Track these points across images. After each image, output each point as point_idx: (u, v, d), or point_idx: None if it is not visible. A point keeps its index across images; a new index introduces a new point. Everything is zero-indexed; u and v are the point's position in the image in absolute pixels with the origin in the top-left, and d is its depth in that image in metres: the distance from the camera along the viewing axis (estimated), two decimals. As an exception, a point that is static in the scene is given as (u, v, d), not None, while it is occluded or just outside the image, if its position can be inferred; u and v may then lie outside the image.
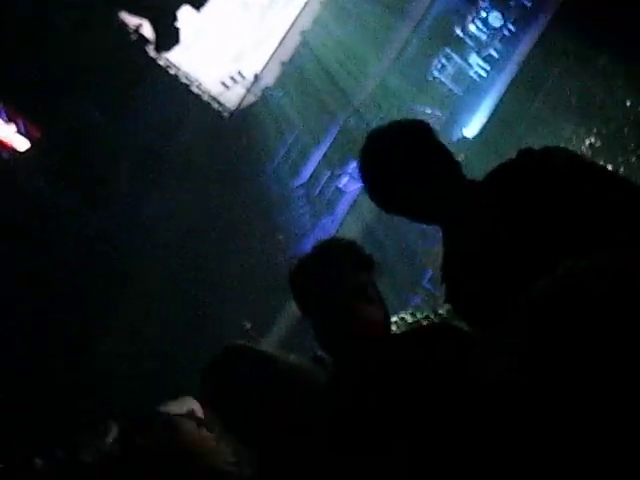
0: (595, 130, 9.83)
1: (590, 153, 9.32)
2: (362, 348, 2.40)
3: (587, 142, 9.86)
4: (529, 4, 14.54)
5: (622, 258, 1.24)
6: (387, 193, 2.51)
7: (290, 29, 16.28)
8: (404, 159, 2.46)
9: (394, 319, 8.75)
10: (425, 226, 2.59)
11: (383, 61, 15.53)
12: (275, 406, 2.45)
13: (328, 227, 13.61)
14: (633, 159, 8.43)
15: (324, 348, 2.53)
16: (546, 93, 13.06)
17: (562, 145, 8.42)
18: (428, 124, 2.55)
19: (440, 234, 2.54)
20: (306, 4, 16.35)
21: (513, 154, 2.46)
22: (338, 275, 2.48)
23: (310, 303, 2.52)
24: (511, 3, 14.99)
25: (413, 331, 2.76)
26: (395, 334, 2.67)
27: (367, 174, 2.54)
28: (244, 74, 16.06)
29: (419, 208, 2.50)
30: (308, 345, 2.82)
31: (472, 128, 13.35)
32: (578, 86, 12.45)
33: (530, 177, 2.33)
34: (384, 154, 2.49)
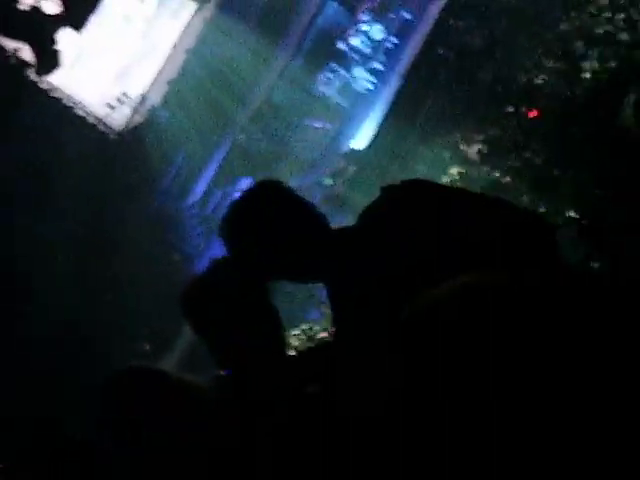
0: (482, 137, 10.07)
1: (479, 159, 9.54)
2: (257, 369, 2.40)
3: (475, 148, 10.08)
4: (409, 17, 14.86)
5: (478, 281, 1.25)
6: (259, 260, 2.51)
7: (176, 46, 16.15)
8: (271, 226, 2.46)
9: (295, 332, 8.77)
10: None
11: (270, 77, 15.58)
12: (167, 425, 2.43)
13: (221, 247, 13.53)
14: (518, 163, 8.67)
15: (220, 368, 2.52)
16: (432, 103, 13.34)
17: (451, 153, 8.58)
18: (281, 183, 2.55)
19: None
20: (190, 21, 16.26)
21: (395, 174, 2.49)
22: (232, 297, 2.47)
23: (203, 323, 2.51)
24: (392, 16, 15.30)
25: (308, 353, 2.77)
26: (291, 356, 2.66)
27: (236, 247, 2.53)
28: (129, 94, 15.84)
29: (296, 271, 2.50)
30: (207, 365, 2.80)
31: (361, 140, 13.51)
32: (461, 96, 12.77)
33: (394, 217, 2.36)
34: (250, 225, 2.48)
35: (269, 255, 2.44)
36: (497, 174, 8.41)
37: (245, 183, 13.57)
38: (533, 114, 9.36)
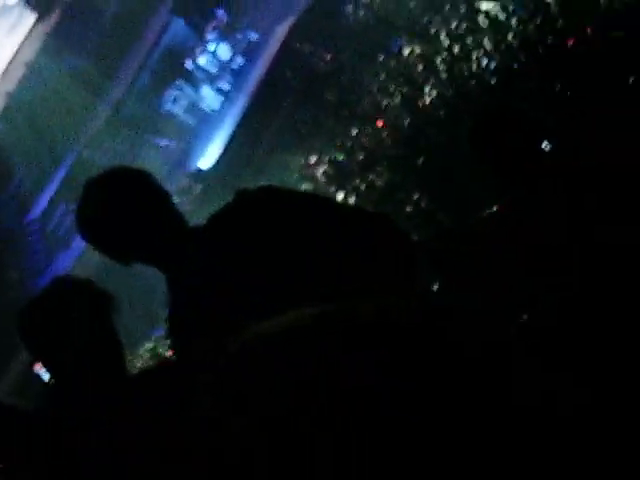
0: (327, 158, 10.24)
1: (325, 179, 9.68)
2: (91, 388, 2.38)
3: (321, 170, 10.24)
4: (255, 38, 14.98)
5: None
6: (110, 244, 2.47)
7: (14, 59, 15.66)
8: (124, 208, 2.43)
9: (141, 351, 8.64)
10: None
11: (115, 92, 15.33)
12: None
13: (65, 263, 13.19)
14: (362, 186, 8.85)
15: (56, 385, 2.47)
16: (278, 124, 13.47)
17: (297, 174, 8.65)
18: (145, 171, 2.53)
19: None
20: (30, 33, 15.81)
21: (242, 187, 2.49)
22: (70, 317, 2.42)
23: (42, 346, 2.45)
24: (238, 37, 15.38)
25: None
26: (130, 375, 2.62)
27: (88, 226, 2.48)
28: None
29: (142, 256, 2.48)
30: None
31: (208, 160, 13.48)
32: (307, 117, 12.95)
33: (246, 218, 2.39)
34: (104, 205, 2.44)
35: (124, 238, 2.41)
36: (342, 195, 8.55)
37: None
38: (380, 124, 9.59)
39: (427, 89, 9.56)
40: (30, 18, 15.91)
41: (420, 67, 9.94)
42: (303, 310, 1.23)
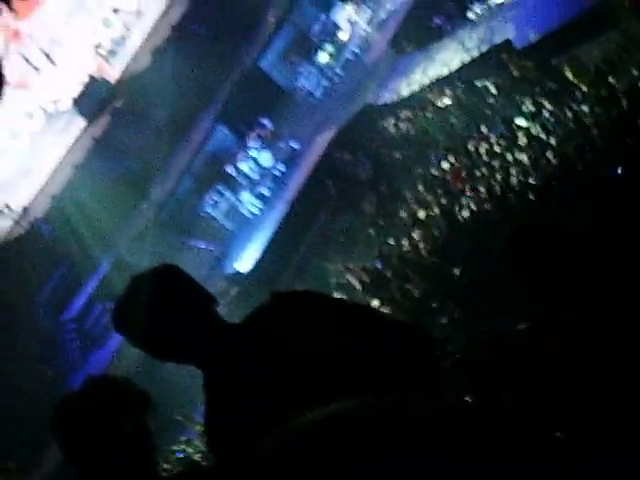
0: (363, 266, 10.30)
1: (360, 287, 9.72)
2: None
3: (355, 278, 10.29)
4: (297, 147, 15.28)
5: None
6: (151, 341, 2.50)
7: (62, 162, 16.10)
8: (165, 304, 2.47)
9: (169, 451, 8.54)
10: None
11: (157, 195, 15.63)
12: None
13: (100, 361, 13.23)
14: (397, 295, 8.86)
15: None
16: (316, 231, 13.61)
17: (333, 281, 8.65)
18: (178, 268, 2.58)
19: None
20: (79, 138, 16.29)
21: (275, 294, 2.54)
22: (106, 418, 2.42)
23: (72, 444, 2.44)
24: (281, 145, 15.71)
25: None
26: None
27: (127, 320, 2.52)
28: (11, 206, 15.60)
29: (180, 353, 2.50)
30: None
31: (245, 263, 13.60)
32: (345, 225, 13.10)
33: (283, 319, 2.43)
34: (145, 299, 2.48)
35: (163, 334, 2.43)
36: (376, 302, 8.56)
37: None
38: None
39: (464, 201, 9.65)
40: (80, 123, 16.43)
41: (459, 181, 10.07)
42: (328, 408, 1.26)
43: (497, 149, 10.10)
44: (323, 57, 16.49)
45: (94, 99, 16.40)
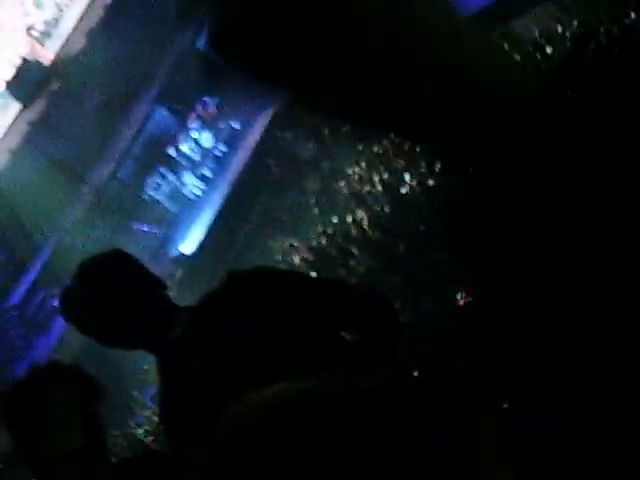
0: (307, 245, 10.31)
1: (305, 266, 9.75)
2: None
3: (300, 256, 10.30)
4: (238, 127, 15.20)
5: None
6: (101, 329, 2.48)
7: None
8: (114, 294, 2.46)
9: (115, 433, 8.50)
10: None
11: (97, 178, 15.45)
12: None
13: (44, 347, 13.08)
14: (342, 271, 8.90)
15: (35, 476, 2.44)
16: (259, 211, 13.59)
17: (279, 259, 8.67)
18: (125, 253, 2.57)
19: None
20: (13, 122, 16.02)
21: (224, 273, 2.54)
22: (53, 405, 2.40)
23: (19, 429, 2.42)
24: (221, 125, 15.61)
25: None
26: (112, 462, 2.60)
27: (75, 307, 2.49)
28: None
29: (132, 339, 2.49)
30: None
31: (189, 245, 13.53)
32: (288, 204, 13.08)
33: (241, 297, 2.43)
34: (92, 288, 2.47)
35: (114, 321, 2.42)
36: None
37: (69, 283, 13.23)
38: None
39: (407, 177, 9.70)
40: (14, 107, 16.13)
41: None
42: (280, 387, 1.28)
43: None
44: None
45: (28, 82, 16.09)
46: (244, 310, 2.35)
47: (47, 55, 16.40)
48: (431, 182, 9.11)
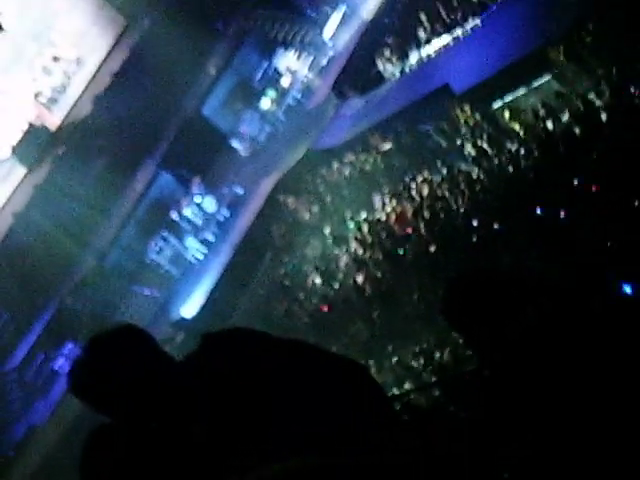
0: (307, 310, 10.37)
1: (305, 331, 9.80)
2: None
3: (301, 321, 10.35)
4: (241, 192, 15.33)
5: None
6: (109, 406, 2.51)
7: (2, 210, 15.95)
8: (124, 372, 2.49)
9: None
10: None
11: (101, 242, 15.52)
12: None
13: (43, 411, 13.00)
14: (343, 337, 8.93)
15: None
16: (261, 275, 13.64)
17: (278, 324, 8.70)
18: (134, 326, 2.60)
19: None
20: (19, 185, 16.17)
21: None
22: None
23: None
24: (224, 191, 15.74)
25: None
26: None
27: (86, 389, 2.52)
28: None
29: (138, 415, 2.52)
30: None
31: (190, 308, 13.53)
32: (290, 269, 13.15)
33: (214, 363, 2.45)
34: (102, 370, 2.50)
35: (122, 398, 2.44)
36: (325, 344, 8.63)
37: (70, 347, 13.24)
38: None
39: (408, 244, 9.78)
40: (20, 171, 16.31)
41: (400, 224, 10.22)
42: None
43: (439, 192, 10.28)
44: (265, 103, 16.63)
45: (34, 147, 16.30)
46: (220, 373, 2.36)
47: (54, 121, 16.63)
48: (432, 248, 9.18)
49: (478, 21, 12.18)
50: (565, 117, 9.10)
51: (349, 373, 2.44)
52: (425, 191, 10.44)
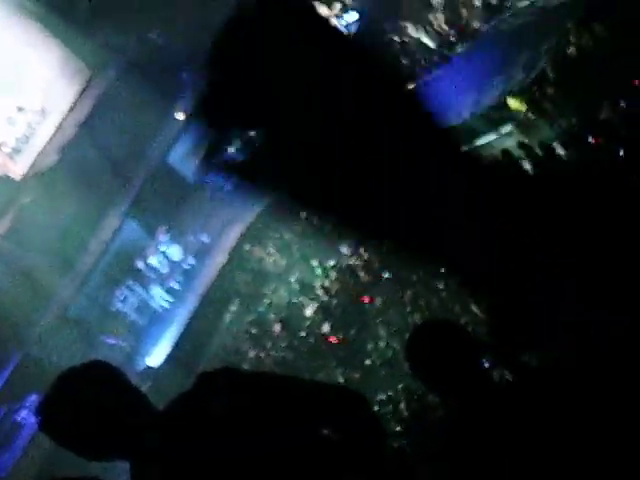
0: (273, 358, 10.35)
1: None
2: None
3: (267, 369, 10.30)
4: (207, 240, 15.35)
5: None
6: (80, 441, 2.52)
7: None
8: (93, 406, 2.51)
9: None
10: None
11: (66, 291, 15.41)
12: None
13: (5, 463, 12.78)
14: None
15: None
16: (226, 324, 13.61)
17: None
18: (103, 364, 2.62)
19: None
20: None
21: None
22: None
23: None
24: (190, 238, 15.75)
25: None
26: None
27: (56, 426, 2.53)
28: None
29: (111, 448, 2.53)
30: None
31: (156, 357, 13.45)
32: (255, 318, 13.12)
33: (210, 398, 2.48)
34: (71, 404, 2.51)
35: (93, 433, 2.44)
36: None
37: (34, 398, 13.05)
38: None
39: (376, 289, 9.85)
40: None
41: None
42: None
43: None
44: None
45: (-2, 196, 16.22)
46: (213, 408, 2.40)
47: (17, 170, 16.57)
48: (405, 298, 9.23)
49: (440, 71, 12.42)
50: (526, 166, 9.26)
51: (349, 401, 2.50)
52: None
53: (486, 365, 3.16)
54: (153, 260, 15.70)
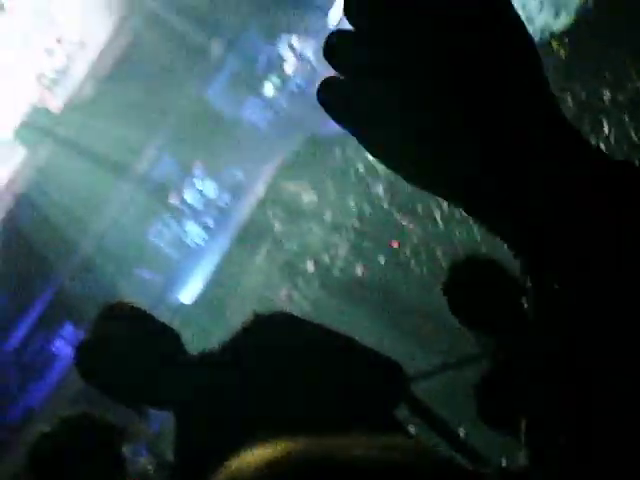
0: (305, 295, 10.34)
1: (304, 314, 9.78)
2: None
3: (298, 307, 10.32)
4: (242, 177, 15.32)
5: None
6: (120, 386, 2.51)
7: (2, 192, 15.95)
8: (132, 349, 2.49)
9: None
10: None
11: (102, 222, 15.52)
12: None
13: (40, 393, 13.00)
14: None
15: None
16: (260, 262, 13.63)
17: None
18: (135, 306, 2.59)
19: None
20: (20, 167, 16.15)
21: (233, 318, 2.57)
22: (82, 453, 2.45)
23: None
24: (225, 174, 15.72)
25: None
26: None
27: (97, 372, 2.52)
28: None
29: (152, 392, 2.52)
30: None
31: (189, 294, 13.54)
32: (289, 256, 13.12)
33: (259, 345, 2.45)
34: (110, 349, 2.50)
35: (133, 376, 2.44)
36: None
37: (70, 329, 13.25)
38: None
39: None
40: (21, 153, 16.27)
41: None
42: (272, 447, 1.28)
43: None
44: (268, 89, 16.57)
45: (36, 128, 16.25)
46: (265, 354, 2.37)
47: (56, 103, 16.58)
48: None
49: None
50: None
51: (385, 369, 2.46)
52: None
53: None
54: (188, 196, 15.72)
